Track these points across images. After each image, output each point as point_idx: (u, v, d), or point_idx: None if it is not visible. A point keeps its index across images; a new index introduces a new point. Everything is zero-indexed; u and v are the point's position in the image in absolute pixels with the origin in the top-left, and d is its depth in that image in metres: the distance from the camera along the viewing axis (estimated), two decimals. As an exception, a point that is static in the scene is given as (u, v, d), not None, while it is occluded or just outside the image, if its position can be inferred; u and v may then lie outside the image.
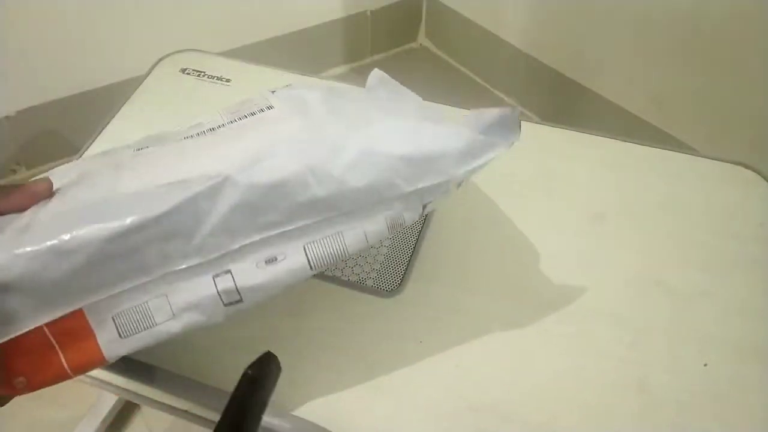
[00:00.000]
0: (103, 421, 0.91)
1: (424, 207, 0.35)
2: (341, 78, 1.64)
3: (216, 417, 0.36)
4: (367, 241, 0.34)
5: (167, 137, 0.38)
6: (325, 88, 0.41)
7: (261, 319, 0.40)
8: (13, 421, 0.97)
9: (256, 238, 0.32)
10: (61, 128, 1.17)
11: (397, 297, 0.43)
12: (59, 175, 0.36)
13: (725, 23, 1.03)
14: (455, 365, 0.39)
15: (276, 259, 0.33)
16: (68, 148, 1.12)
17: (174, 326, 0.32)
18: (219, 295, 0.32)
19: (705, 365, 0.39)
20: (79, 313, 0.31)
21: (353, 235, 0.34)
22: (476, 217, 0.47)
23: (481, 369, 0.39)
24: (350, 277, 0.45)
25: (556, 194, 0.49)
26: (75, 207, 0.32)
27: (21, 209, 0.32)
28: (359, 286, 0.44)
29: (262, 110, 0.38)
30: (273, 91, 0.41)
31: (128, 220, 0.30)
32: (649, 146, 0.53)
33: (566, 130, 0.55)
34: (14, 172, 1.17)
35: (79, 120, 0.89)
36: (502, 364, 0.39)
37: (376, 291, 0.44)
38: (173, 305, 0.32)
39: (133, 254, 0.31)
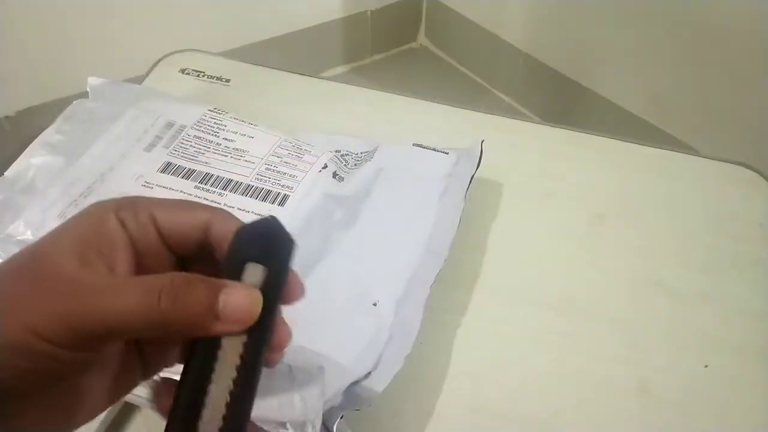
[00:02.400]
0: (103, 421, 0.91)
1: None
2: (341, 78, 1.64)
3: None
4: None
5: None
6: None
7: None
8: (13, 422, 0.97)
9: None
10: (61, 128, 1.17)
11: (397, 297, 0.43)
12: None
13: (725, 23, 1.03)
14: (455, 366, 0.39)
15: None
16: (68, 148, 1.12)
17: None
18: None
19: (706, 366, 0.39)
20: None
21: None
22: (476, 218, 0.47)
23: (480, 369, 0.39)
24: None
25: (556, 194, 0.49)
26: None
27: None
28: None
29: None
30: None
31: None
32: (649, 146, 0.53)
33: (566, 130, 0.55)
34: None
35: (78, 120, 0.89)
36: (502, 365, 0.39)
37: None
38: None
39: None
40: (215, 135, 0.44)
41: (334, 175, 0.43)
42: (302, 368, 0.31)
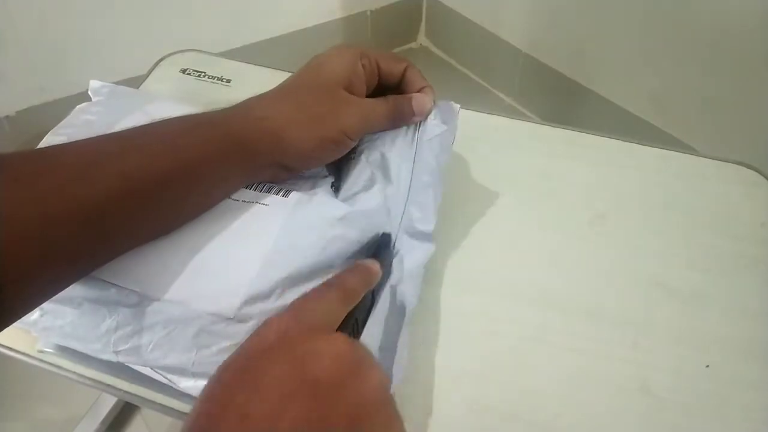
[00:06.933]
0: (103, 421, 0.91)
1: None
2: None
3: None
4: None
5: None
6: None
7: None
8: (13, 421, 0.97)
9: None
10: (61, 128, 1.17)
11: (397, 297, 0.43)
12: None
13: (726, 23, 1.03)
14: (455, 366, 0.39)
15: None
16: (68, 148, 1.12)
17: None
18: None
19: (707, 366, 0.39)
20: None
21: None
22: (476, 217, 0.47)
23: (481, 370, 0.39)
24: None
25: (556, 194, 0.49)
26: None
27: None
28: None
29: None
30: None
31: None
32: (649, 146, 0.53)
33: (566, 130, 0.55)
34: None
35: (79, 120, 0.89)
36: (502, 365, 0.39)
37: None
38: None
39: None
40: None
41: (332, 185, 0.42)
42: None
